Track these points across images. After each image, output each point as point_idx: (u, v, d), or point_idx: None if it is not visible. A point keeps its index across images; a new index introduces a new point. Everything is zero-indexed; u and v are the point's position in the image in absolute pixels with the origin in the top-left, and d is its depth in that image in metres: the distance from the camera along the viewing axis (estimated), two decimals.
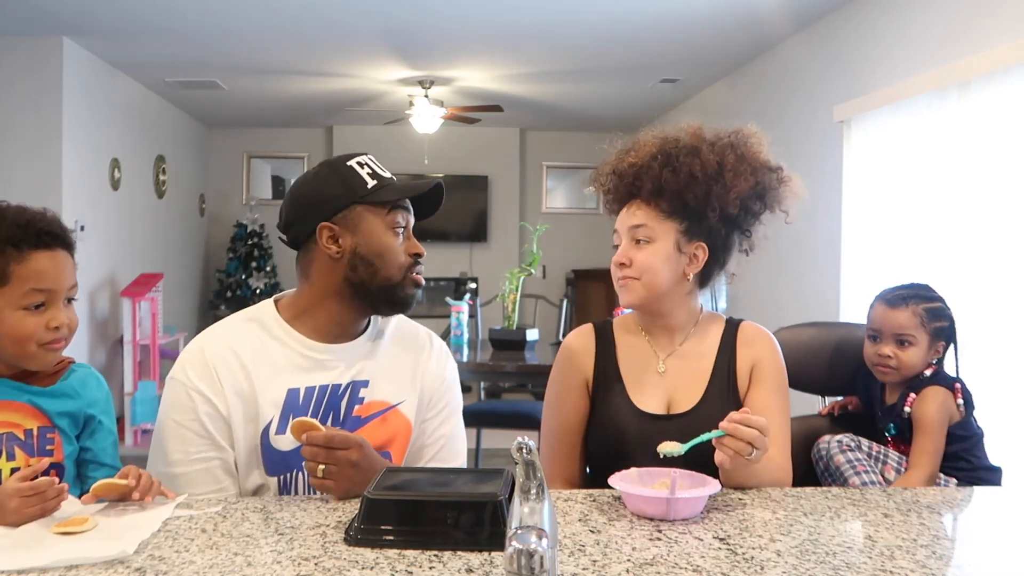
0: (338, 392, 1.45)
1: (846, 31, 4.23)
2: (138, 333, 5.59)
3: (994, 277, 3.01)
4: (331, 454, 1.28)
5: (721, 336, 1.60)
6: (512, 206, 8.21)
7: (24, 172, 4.84)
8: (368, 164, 1.49)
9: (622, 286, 1.59)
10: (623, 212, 1.60)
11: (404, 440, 1.50)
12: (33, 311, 1.30)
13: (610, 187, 1.63)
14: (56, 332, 1.32)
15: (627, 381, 1.58)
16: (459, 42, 5.11)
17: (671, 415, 1.54)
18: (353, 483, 1.29)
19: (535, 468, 0.87)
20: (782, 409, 1.55)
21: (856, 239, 4.05)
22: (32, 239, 1.29)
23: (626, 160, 1.60)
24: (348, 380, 1.47)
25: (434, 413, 1.56)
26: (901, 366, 1.78)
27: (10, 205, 1.34)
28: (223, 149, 8.11)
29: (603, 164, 1.66)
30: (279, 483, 1.43)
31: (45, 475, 1.21)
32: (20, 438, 1.32)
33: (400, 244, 1.48)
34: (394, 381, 1.51)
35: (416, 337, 1.61)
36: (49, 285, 1.31)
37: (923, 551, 1.10)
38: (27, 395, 1.35)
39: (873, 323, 1.83)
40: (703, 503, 1.25)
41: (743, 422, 1.28)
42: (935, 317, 1.78)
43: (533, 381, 5.34)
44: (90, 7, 4.32)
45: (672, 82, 6.09)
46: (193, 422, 1.41)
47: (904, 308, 1.79)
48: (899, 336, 1.78)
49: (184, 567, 1.03)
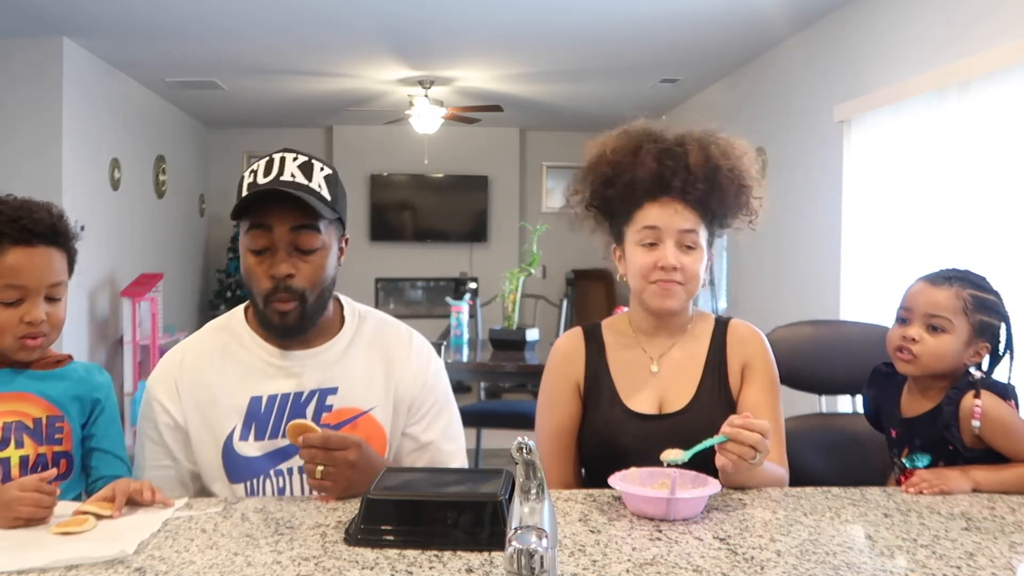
0: (300, 400, 1.43)
1: (846, 31, 4.23)
2: (138, 333, 5.59)
3: (994, 277, 3.00)
4: (329, 455, 1.28)
5: (711, 335, 1.60)
6: (512, 206, 8.21)
7: (24, 172, 4.83)
8: (256, 170, 1.39)
9: (666, 290, 1.50)
10: (654, 208, 1.51)
11: (378, 446, 1.45)
12: (8, 307, 1.31)
13: (627, 179, 1.53)
14: (31, 327, 1.33)
15: (618, 383, 1.57)
16: (459, 42, 5.11)
17: (663, 415, 1.53)
18: (352, 483, 1.28)
19: (535, 468, 0.87)
20: (775, 407, 1.55)
21: (856, 239, 4.05)
22: (12, 235, 1.31)
23: (655, 148, 1.52)
24: (313, 387, 1.44)
25: (417, 418, 1.51)
26: (925, 354, 1.46)
27: (11, 200, 1.35)
28: (223, 149, 8.10)
29: (609, 147, 1.57)
30: (246, 490, 1.42)
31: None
32: (29, 426, 1.33)
33: (259, 266, 1.37)
34: (365, 387, 1.47)
35: (396, 338, 1.53)
36: (22, 281, 1.32)
37: (923, 551, 1.10)
38: (34, 382, 1.36)
39: (906, 301, 1.52)
40: (703, 503, 1.25)
41: (745, 427, 1.28)
42: (983, 308, 1.46)
43: (533, 381, 5.33)
44: (90, 7, 4.32)
45: (672, 82, 6.09)
46: (152, 430, 1.45)
47: (947, 287, 1.47)
48: (932, 318, 1.46)
49: (184, 567, 1.03)
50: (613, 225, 1.62)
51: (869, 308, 3.85)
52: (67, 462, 1.37)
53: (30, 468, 1.31)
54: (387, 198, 7.98)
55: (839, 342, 1.95)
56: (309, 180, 1.37)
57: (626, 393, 1.56)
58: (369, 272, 8.01)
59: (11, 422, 1.32)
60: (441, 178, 8.07)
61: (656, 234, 1.51)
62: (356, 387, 1.46)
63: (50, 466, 1.34)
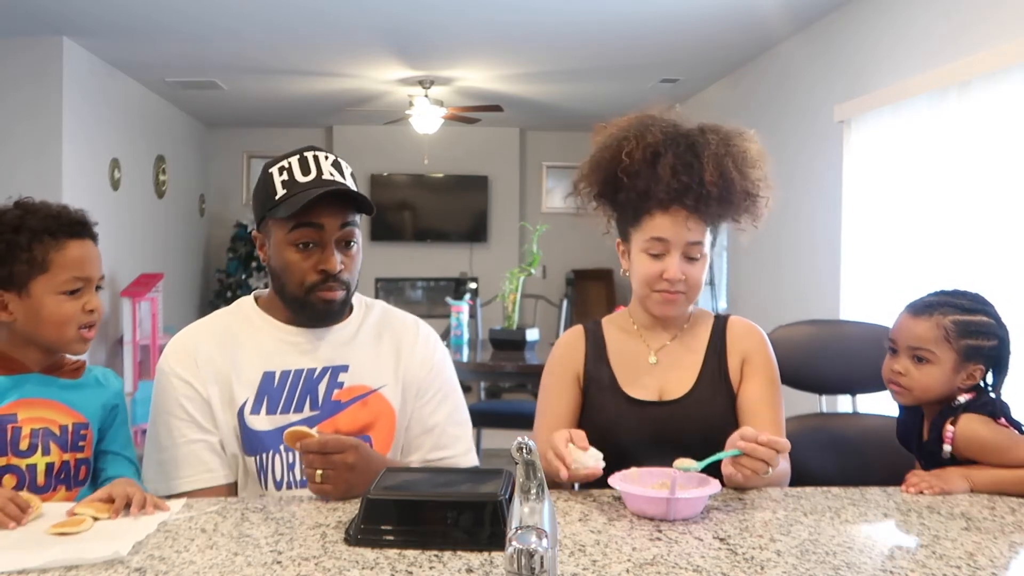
0: (313, 376, 1.47)
1: (846, 31, 4.23)
2: (138, 333, 5.59)
3: (994, 277, 3.01)
4: (327, 459, 1.29)
5: (711, 331, 1.62)
6: (512, 206, 8.20)
7: (24, 172, 4.84)
8: (289, 168, 1.43)
9: (670, 301, 1.53)
10: (665, 219, 1.50)
11: (387, 424, 1.50)
12: (70, 296, 1.35)
13: (641, 187, 1.51)
14: (91, 316, 1.37)
15: (618, 372, 1.59)
16: (459, 42, 5.11)
17: (663, 402, 1.55)
18: (352, 485, 1.29)
19: (535, 468, 0.87)
20: (776, 402, 1.56)
21: (856, 239, 4.05)
22: (67, 229, 1.36)
23: (672, 161, 1.49)
24: (325, 364, 1.48)
25: (424, 400, 1.55)
26: (914, 387, 1.49)
27: (36, 201, 1.39)
28: (223, 149, 8.10)
29: (624, 149, 1.53)
30: (256, 464, 1.44)
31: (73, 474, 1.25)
32: (55, 433, 1.36)
33: (305, 260, 1.43)
34: (376, 366, 1.52)
35: (402, 324, 1.60)
36: (86, 272, 1.37)
37: (923, 551, 1.10)
38: (60, 391, 1.38)
39: (892, 332, 1.55)
40: (703, 503, 1.25)
41: (761, 443, 1.29)
42: (967, 333, 1.46)
43: (533, 381, 5.33)
44: (90, 7, 4.32)
45: (672, 82, 6.09)
46: (177, 408, 1.45)
47: (927, 318, 1.49)
48: (916, 350, 1.49)
49: (184, 567, 1.03)
50: (619, 222, 1.62)
51: (869, 308, 3.86)
52: (87, 468, 1.40)
53: (55, 475, 1.34)
54: (387, 198, 7.97)
55: (839, 342, 1.95)
56: (344, 178, 1.45)
57: (626, 382, 1.57)
58: (369, 272, 8.01)
59: (39, 428, 1.34)
60: (441, 178, 8.07)
61: (664, 246, 1.51)
62: (367, 366, 1.51)
63: (72, 472, 1.37)
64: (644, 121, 1.57)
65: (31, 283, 1.33)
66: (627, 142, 1.54)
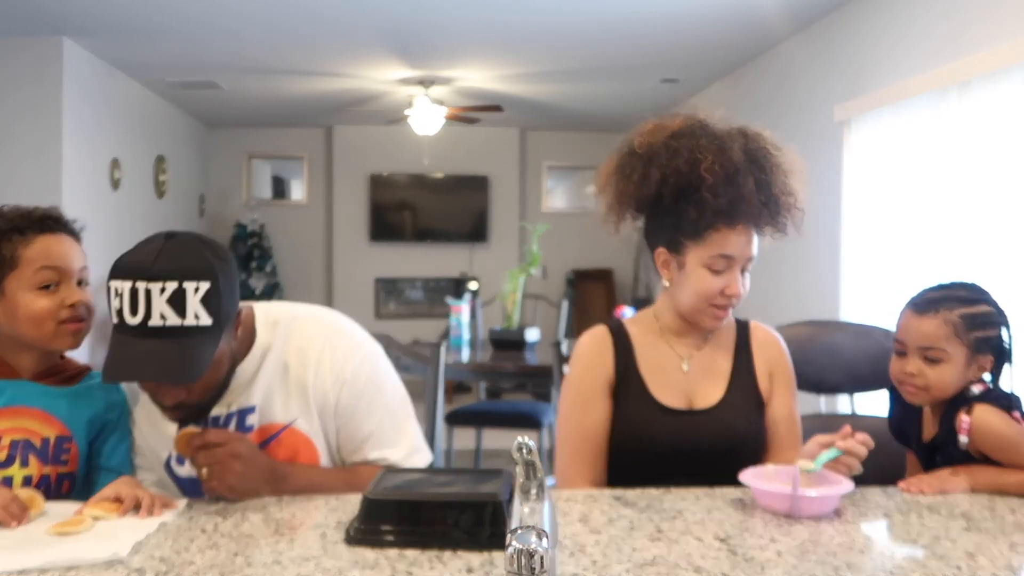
0: (220, 423, 1.41)
1: (846, 31, 4.23)
2: None
3: (994, 277, 3.01)
4: (210, 453, 1.28)
5: (735, 336, 1.65)
6: (512, 206, 8.20)
7: (24, 172, 4.84)
8: (122, 299, 1.20)
9: (720, 316, 1.56)
10: (732, 236, 1.50)
11: (309, 456, 1.43)
12: (46, 291, 1.33)
13: (722, 204, 1.48)
14: (73, 310, 1.34)
15: (648, 379, 1.58)
16: (459, 42, 5.11)
17: (695, 411, 1.56)
18: (242, 476, 1.29)
19: (535, 468, 0.87)
20: (796, 408, 1.64)
21: (856, 239, 4.05)
22: (36, 225, 1.35)
23: (757, 177, 1.53)
24: (230, 410, 1.41)
25: (348, 416, 1.44)
26: (931, 387, 1.45)
27: (10, 205, 1.38)
28: (223, 149, 8.10)
29: (697, 157, 1.50)
30: None
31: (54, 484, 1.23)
32: (36, 446, 1.33)
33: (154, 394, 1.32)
34: (283, 401, 1.42)
35: (309, 344, 1.44)
36: (57, 263, 1.35)
37: (923, 551, 1.10)
38: (47, 399, 1.35)
39: (898, 333, 1.51)
40: (835, 502, 1.27)
41: (860, 441, 1.35)
42: (975, 325, 1.44)
43: (533, 381, 5.33)
44: (90, 7, 4.32)
45: (672, 82, 6.09)
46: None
47: (933, 315, 1.45)
48: (927, 350, 1.45)
49: (184, 567, 1.03)
50: (668, 232, 1.56)
51: (869, 308, 3.86)
52: (70, 483, 1.37)
53: (34, 488, 1.30)
54: (387, 198, 7.97)
55: (839, 342, 1.95)
56: (183, 317, 1.21)
57: (656, 389, 1.57)
58: (369, 272, 8.01)
59: (18, 440, 1.31)
60: (441, 178, 8.06)
61: (728, 262, 1.52)
62: (273, 402, 1.42)
63: (53, 486, 1.34)
64: (711, 133, 1.56)
65: (4, 282, 1.32)
66: (703, 157, 1.50)
